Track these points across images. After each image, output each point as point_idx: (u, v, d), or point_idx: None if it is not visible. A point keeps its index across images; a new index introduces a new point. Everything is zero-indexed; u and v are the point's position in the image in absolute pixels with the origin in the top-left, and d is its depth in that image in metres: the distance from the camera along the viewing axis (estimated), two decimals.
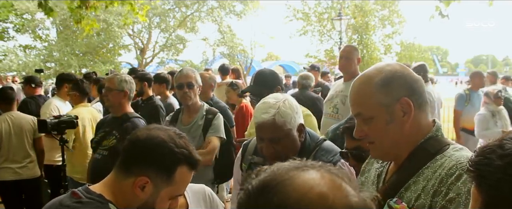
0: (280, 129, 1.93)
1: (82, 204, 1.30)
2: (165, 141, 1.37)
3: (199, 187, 1.84)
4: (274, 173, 0.75)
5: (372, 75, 1.39)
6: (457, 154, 1.32)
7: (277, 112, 1.93)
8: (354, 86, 1.43)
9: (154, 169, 1.36)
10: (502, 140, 0.91)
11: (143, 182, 1.36)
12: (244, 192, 0.76)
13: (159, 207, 1.41)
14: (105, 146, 3.34)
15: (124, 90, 3.35)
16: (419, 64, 5.53)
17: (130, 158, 1.41)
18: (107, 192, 1.38)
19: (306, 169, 0.74)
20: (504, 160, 0.86)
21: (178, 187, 1.41)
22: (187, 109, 3.38)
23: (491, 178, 0.87)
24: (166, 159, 1.37)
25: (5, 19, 20.91)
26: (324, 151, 2.01)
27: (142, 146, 1.38)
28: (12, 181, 4.45)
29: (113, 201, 1.35)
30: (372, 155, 1.49)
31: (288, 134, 1.95)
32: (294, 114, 1.96)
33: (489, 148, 0.91)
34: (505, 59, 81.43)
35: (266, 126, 1.93)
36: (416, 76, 1.41)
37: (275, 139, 1.94)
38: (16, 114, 4.61)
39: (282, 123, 1.92)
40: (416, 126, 1.38)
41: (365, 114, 1.39)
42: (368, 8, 20.78)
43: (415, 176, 1.34)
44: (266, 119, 1.92)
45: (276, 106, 1.95)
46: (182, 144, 1.40)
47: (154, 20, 25.51)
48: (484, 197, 0.90)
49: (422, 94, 1.39)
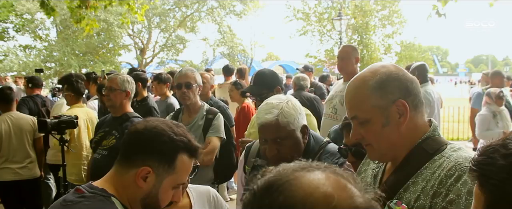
0: (284, 130, 1.91)
1: (85, 198, 1.30)
2: (163, 129, 1.38)
3: (205, 189, 1.84)
4: (279, 173, 0.75)
5: (367, 77, 1.38)
6: (455, 155, 1.31)
7: (281, 112, 1.91)
8: (349, 89, 1.43)
9: (155, 158, 1.36)
10: (505, 139, 0.91)
11: (145, 172, 1.36)
12: (249, 192, 0.77)
13: (162, 198, 1.40)
14: (105, 146, 3.34)
15: (127, 90, 3.37)
16: (420, 64, 5.52)
17: (130, 150, 1.41)
18: (110, 186, 1.38)
19: (311, 170, 0.75)
20: (507, 159, 0.86)
21: (180, 175, 1.40)
22: (187, 109, 3.38)
23: (495, 177, 0.87)
24: (166, 147, 1.37)
25: (5, 19, 20.92)
26: (329, 154, 2.00)
27: (141, 136, 1.39)
28: (12, 181, 4.44)
29: (116, 196, 1.36)
30: (369, 157, 1.49)
31: (292, 135, 1.94)
32: (297, 115, 1.95)
33: (492, 147, 0.90)
34: (505, 59, 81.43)
35: (269, 126, 1.91)
36: (411, 77, 1.41)
37: (278, 140, 1.92)
38: (16, 114, 4.60)
39: (286, 124, 1.91)
40: (412, 127, 1.37)
41: (361, 117, 1.38)
42: (368, 8, 20.77)
43: (414, 177, 1.34)
44: (269, 119, 1.90)
45: (279, 106, 1.93)
46: (180, 132, 1.40)
47: (154, 20, 25.53)
48: (487, 197, 0.90)
49: (417, 95, 1.39)
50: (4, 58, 21.77)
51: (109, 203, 1.31)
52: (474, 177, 0.92)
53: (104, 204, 1.30)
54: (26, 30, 22.67)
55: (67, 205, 1.30)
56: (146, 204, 1.39)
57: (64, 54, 22.37)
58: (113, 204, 1.32)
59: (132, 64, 25.03)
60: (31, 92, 5.82)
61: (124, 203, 1.37)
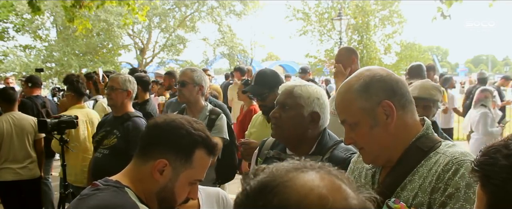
0: (293, 100, 2.01)
1: (99, 190, 1.31)
2: (182, 123, 1.38)
3: (214, 190, 1.85)
4: (273, 174, 0.74)
5: (352, 82, 1.43)
6: (450, 150, 1.33)
7: (300, 86, 2.05)
8: (338, 95, 1.48)
9: (173, 151, 1.36)
10: (507, 140, 0.91)
11: (162, 165, 1.35)
12: (241, 192, 0.76)
13: (178, 192, 1.39)
14: (106, 145, 3.35)
15: (128, 89, 3.38)
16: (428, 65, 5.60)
17: (148, 142, 1.40)
18: (125, 179, 1.37)
19: (305, 171, 0.74)
20: (509, 159, 0.86)
21: (197, 170, 1.40)
22: (189, 109, 3.37)
23: (497, 178, 0.87)
24: (184, 141, 1.37)
25: (5, 19, 20.90)
26: (343, 148, 2.02)
27: (160, 129, 1.39)
28: (12, 182, 4.44)
29: (130, 187, 1.35)
30: (364, 161, 1.50)
31: (298, 109, 2.01)
32: (314, 98, 2.04)
33: (494, 148, 0.91)
34: (505, 59, 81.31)
35: (285, 91, 2.06)
36: (396, 77, 1.43)
37: (285, 107, 2.02)
38: (17, 114, 4.60)
39: (298, 95, 2.01)
40: (402, 126, 1.39)
41: (349, 120, 1.42)
42: (368, 8, 20.75)
43: (410, 175, 1.35)
44: (289, 85, 2.08)
45: (303, 83, 2.10)
46: (199, 127, 1.41)
47: (154, 20, 25.50)
48: (489, 197, 0.90)
49: (404, 94, 1.40)
50: (4, 58, 21.74)
51: (122, 193, 1.31)
52: (476, 177, 0.92)
53: (117, 194, 1.30)
54: (26, 30, 22.64)
55: (82, 198, 1.31)
56: (161, 198, 1.38)
57: (64, 54, 22.35)
58: (127, 194, 1.31)
59: (132, 64, 25.01)
60: (31, 92, 5.73)
61: (140, 196, 1.36)
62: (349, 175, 1.61)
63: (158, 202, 1.38)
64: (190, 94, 3.30)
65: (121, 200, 1.29)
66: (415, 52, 21.50)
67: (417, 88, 2.95)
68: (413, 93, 2.19)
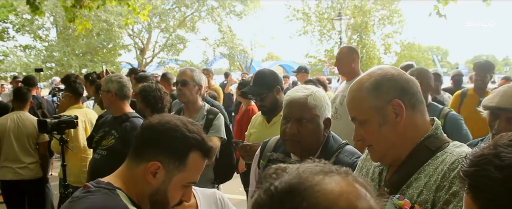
0: (309, 111, 1.93)
1: (90, 193, 1.28)
2: (177, 125, 1.35)
3: (211, 192, 1.83)
4: (300, 176, 0.73)
5: (364, 80, 1.44)
6: (458, 150, 1.34)
7: (312, 94, 1.96)
8: (349, 92, 1.49)
9: (166, 153, 1.33)
10: (496, 147, 0.88)
11: (155, 167, 1.32)
12: (264, 191, 0.74)
13: (172, 195, 1.36)
14: (104, 146, 3.34)
15: (110, 90, 3.36)
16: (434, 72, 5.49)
17: (141, 143, 1.37)
18: (117, 181, 1.35)
19: (331, 175, 0.74)
20: (503, 172, 0.84)
21: (191, 173, 1.37)
22: (187, 109, 3.38)
23: (490, 191, 0.85)
24: (178, 143, 1.33)
25: (5, 19, 20.91)
26: (348, 152, 2.00)
27: (155, 130, 1.35)
28: (13, 181, 4.43)
29: (122, 189, 1.33)
30: (372, 159, 1.51)
31: (315, 120, 1.95)
32: (325, 105, 1.99)
33: (484, 158, 0.88)
34: (505, 59, 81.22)
35: (297, 104, 1.94)
36: (408, 77, 1.44)
37: (302, 121, 1.94)
38: (24, 114, 4.60)
39: (313, 106, 1.94)
40: (411, 126, 1.40)
41: (359, 117, 1.44)
42: (368, 8, 20.76)
43: (417, 174, 1.36)
44: (299, 96, 1.95)
45: (311, 90, 1.99)
46: (194, 130, 1.37)
47: (154, 20, 25.50)
48: (481, 208, 0.88)
49: (414, 94, 1.41)
50: (4, 59, 21.75)
51: (113, 195, 1.29)
52: (466, 187, 0.90)
53: (108, 197, 1.27)
54: (26, 30, 22.65)
55: (73, 200, 1.29)
56: (154, 200, 1.35)
57: (64, 54, 22.35)
58: (118, 196, 1.29)
59: (132, 64, 25.01)
60: None
61: (132, 198, 1.34)
62: (358, 173, 1.62)
63: (150, 205, 1.36)
64: (191, 93, 3.31)
65: (112, 202, 1.26)
66: (415, 52, 21.51)
67: (498, 96, 2.17)
68: (492, 102, 2.02)
